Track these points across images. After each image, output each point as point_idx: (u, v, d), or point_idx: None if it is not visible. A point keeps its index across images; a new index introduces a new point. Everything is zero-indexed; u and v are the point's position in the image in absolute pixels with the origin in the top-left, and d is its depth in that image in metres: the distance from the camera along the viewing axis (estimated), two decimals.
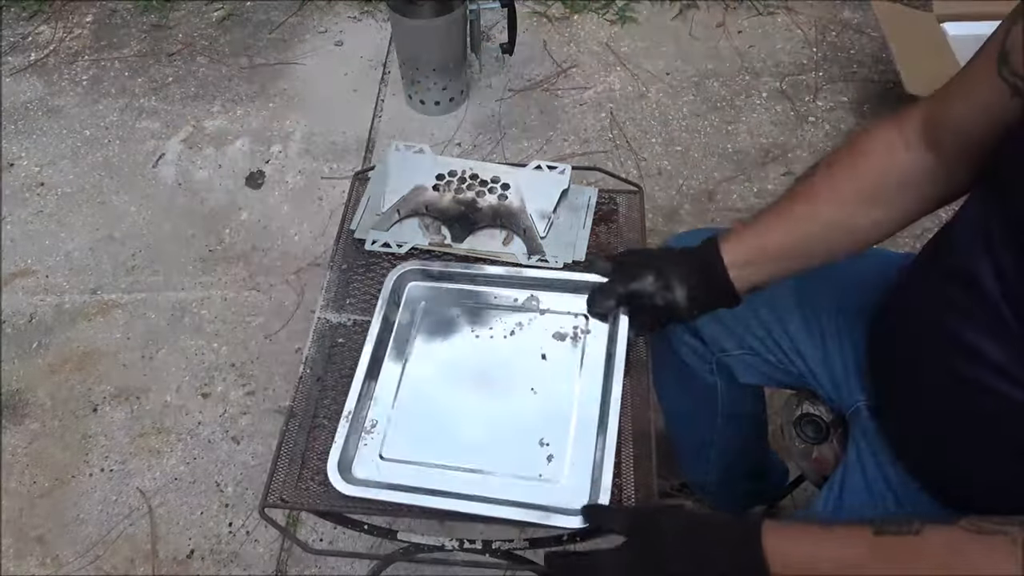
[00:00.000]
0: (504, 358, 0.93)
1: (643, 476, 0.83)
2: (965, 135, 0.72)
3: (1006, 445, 0.69)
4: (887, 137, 0.78)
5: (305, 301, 1.77)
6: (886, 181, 0.78)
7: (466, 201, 1.04)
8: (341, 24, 2.41)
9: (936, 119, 0.75)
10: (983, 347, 0.67)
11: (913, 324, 0.78)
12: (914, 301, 0.80)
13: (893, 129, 0.78)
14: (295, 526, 1.44)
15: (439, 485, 0.82)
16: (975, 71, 0.71)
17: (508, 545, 0.87)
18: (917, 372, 0.78)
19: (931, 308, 0.75)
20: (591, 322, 0.95)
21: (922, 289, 0.79)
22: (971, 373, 0.69)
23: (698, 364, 1.05)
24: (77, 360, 1.70)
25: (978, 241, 0.68)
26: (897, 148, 0.78)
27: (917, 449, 0.79)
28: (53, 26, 2.43)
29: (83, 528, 1.47)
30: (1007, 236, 0.65)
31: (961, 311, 0.69)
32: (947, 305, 0.71)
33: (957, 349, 0.70)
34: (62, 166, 2.06)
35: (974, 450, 0.72)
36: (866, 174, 0.79)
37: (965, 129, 0.72)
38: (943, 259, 0.74)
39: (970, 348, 0.68)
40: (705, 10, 2.41)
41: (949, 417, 0.74)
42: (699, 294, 0.85)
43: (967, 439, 0.73)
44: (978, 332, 0.68)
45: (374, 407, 0.89)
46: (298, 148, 2.08)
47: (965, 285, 0.69)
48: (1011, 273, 0.65)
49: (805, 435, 0.94)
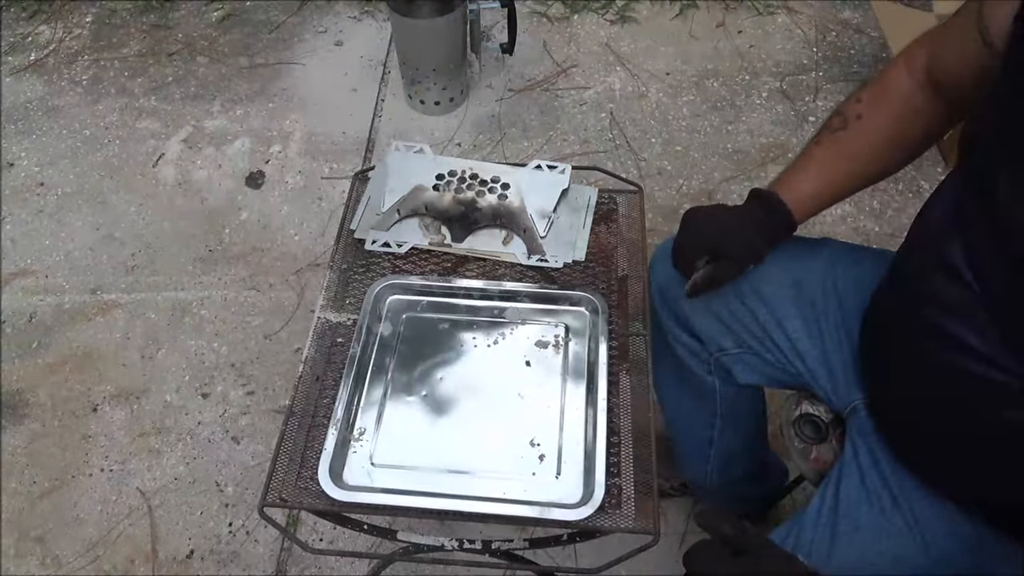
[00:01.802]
0: (489, 366, 0.94)
1: (643, 476, 0.83)
2: (956, 76, 0.80)
3: (996, 430, 0.69)
4: (903, 87, 0.86)
5: (305, 301, 1.77)
6: (911, 131, 0.87)
7: (466, 201, 1.04)
8: (341, 24, 2.41)
9: (934, 60, 0.82)
10: (962, 334, 0.68)
11: (897, 315, 0.79)
12: (897, 292, 0.81)
13: (906, 75, 0.86)
14: (295, 526, 1.44)
15: (433, 487, 0.82)
16: (960, 18, 0.77)
17: (508, 545, 0.87)
18: (905, 362, 0.79)
19: (911, 298, 0.76)
20: (572, 331, 0.97)
21: (904, 280, 0.80)
22: (956, 361, 0.69)
23: (696, 364, 1.05)
24: (77, 360, 1.70)
25: (953, 227, 0.70)
26: (915, 96, 0.85)
27: (912, 441, 0.80)
28: (53, 26, 2.43)
29: (83, 528, 1.47)
30: (979, 220, 0.67)
31: (939, 300, 0.71)
32: (927, 295, 0.72)
33: (939, 338, 0.71)
34: (62, 166, 2.06)
35: (965, 437, 0.73)
36: (904, 134, 0.87)
37: (955, 72, 0.80)
38: (921, 248, 0.75)
39: (950, 336, 0.69)
40: (705, 10, 2.41)
41: (938, 406, 0.74)
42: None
43: (958, 427, 0.73)
44: (958, 320, 0.69)
45: (362, 415, 0.89)
46: (298, 148, 2.08)
47: (942, 274, 0.70)
48: (984, 260, 0.66)
49: (804, 435, 0.94)
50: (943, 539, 0.76)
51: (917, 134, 0.87)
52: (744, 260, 0.91)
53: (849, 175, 0.90)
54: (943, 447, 0.76)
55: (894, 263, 0.83)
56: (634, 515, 0.80)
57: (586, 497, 0.80)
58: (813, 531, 0.81)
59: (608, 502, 0.81)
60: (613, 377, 0.91)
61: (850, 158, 0.89)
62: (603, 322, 0.94)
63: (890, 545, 0.77)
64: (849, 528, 0.79)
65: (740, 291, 0.96)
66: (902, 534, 0.77)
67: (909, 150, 0.90)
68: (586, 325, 0.97)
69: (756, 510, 1.39)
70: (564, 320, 0.98)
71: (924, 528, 0.77)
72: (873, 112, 0.87)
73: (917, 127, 0.87)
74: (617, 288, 1.01)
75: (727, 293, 0.97)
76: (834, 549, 0.79)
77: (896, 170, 0.93)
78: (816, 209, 0.92)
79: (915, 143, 0.89)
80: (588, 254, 1.04)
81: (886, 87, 0.87)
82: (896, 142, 0.88)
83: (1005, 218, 0.63)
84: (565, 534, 0.85)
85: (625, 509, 0.81)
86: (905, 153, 0.90)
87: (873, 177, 0.92)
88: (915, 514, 0.77)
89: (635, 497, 0.82)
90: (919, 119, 0.86)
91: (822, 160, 0.90)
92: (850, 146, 0.88)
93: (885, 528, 0.78)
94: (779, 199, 0.89)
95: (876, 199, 1.91)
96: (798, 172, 0.91)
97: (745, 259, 0.91)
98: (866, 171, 0.91)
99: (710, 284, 0.92)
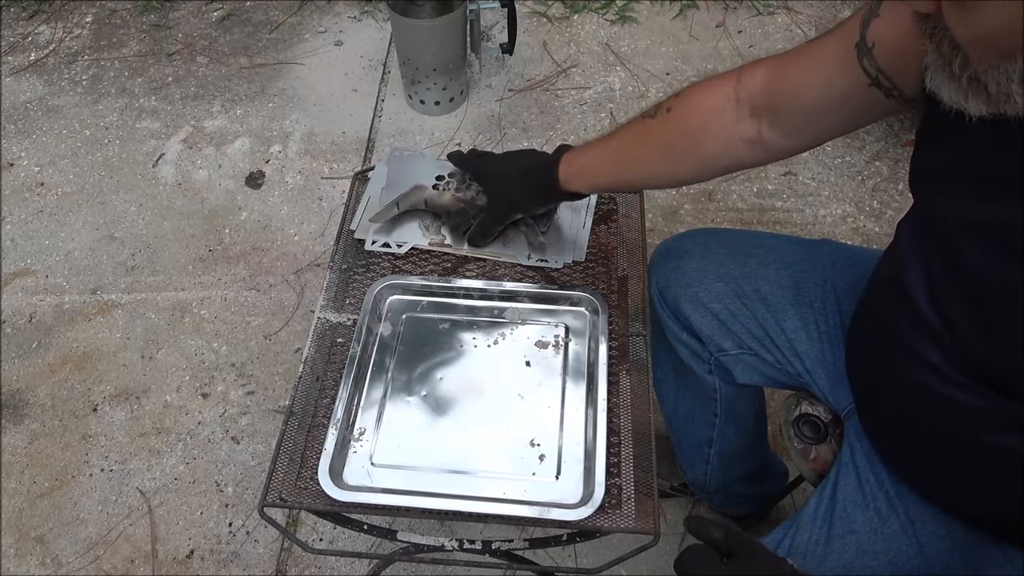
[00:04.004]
0: (489, 366, 0.94)
1: (643, 476, 0.83)
2: (802, 101, 0.76)
3: (963, 445, 0.69)
4: (723, 107, 0.82)
5: (305, 301, 1.77)
6: (714, 153, 0.84)
7: (466, 199, 1.04)
8: (341, 24, 2.41)
9: (779, 81, 0.78)
10: (930, 355, 0.69)
11: (876, 327, 0.80)
12: (871, 306, 0.82)
13: (731, 93, 0.81)
14: (295, 526, 1.44)
15: (433, 487, 0.82)
16: (830, 48, 0.73)
17: (508, 545, 0.87)
18: (878, 376, 0.79)
19: (881, 313, 0.77)
20: (571, 331, 0.97)
21: (877, 295, 0.80)
22: (927, 381, 0.70)
23: (697, 364, 1.05)
24: (77, 360, 1.70)
25: (913, 252, 0.70)
26: (729, 122, 0.82)
27: (893, 450, 0.80)
28: (53, 26, 2.43)
29: (83, 528, 1.47)
30: (927, 240, 0.67)
31: (903, 316, 0.71)
32: (894, 310, 0.73)
33: (910, 355, 0.71)
34: (62, 166, 2.06)
35: (938, 450, 0.73)
36: (698, 144, 0.84)
37: (804, 96, 0.76)
38: (895, 264, 0.75)
39: (920, 355, 0.70)
40: (705, 10, 2.41)
41: (911, 419, 0.75)
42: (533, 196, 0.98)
43: (930, 440, 0.73)
44: (927, 341, 0.69)
45: (362, 415, 0.89)
46: (298, 148, 2.08)
47: (902, 290, 0.70)
48: (941, 289, 0.66)
49: (803, 435, 0.94)
50: (938, 541, 0.76)
51: (714, 148, 0.84)
52: (504, 213, 1.01)
53: (638, 161, 0.89)
54: (921, 459, 0.76)
55: (876, 269, 0.83)
56: (634, 515, 0.80)
57: (586, 497, 0.80)
58: (809, 532, 0.81)
59: (608, 502, 0.81)
60: (613, 377, 0.91)
61: (645, 144, 0.88)
62: (603, 322, 0.95)
63: (885, 547, 0.77)
64: (845, 530, 0.79)
65: (740, 291, 0.96)
66: (897, 536, 0.77)
67: (703, 162, 0.86)
68: (586, 325, 0.97)
69: (756, 510, 1.39)
70: (564, 320, 0.98)
71: (919, 530, 0.77)
72: (682, 109, 0.85)
73: (716, 141, 0.83)
74: (617, 288, 1.01)
75: (727, 293, 0.97)
76: (830, 550, 0.79)
77: (687, 180, 0.92)
78: (593, 181, 0.93)
79: (710, 157, 0.85)
80: (588, 254, 1.04)
81: (706, 89, 0.84)
82: (690, 148, 0.85)
83: (952, 248, 0.63)
84: (565, 534, 0.85)
85: (625, 509, 0.81)
86: (698, 164, 0.86)
87: (660, 175, 0.90)
88: (910, 516, 0.77)
89: (635, 497, 0.82)
90: (720, 133, 0.82)
91: (621, 138, 0.90)
92: (650, 134, 0.87)
93: (880, 530, 0.78)
94: (556, 162, 0.93)
95: (876, 199, 1.91)
96: (597, 142, 0.92)
97: (505, 212, 1.01)
98: (653, 163, 0.88)
99: (483, 233, 1.02)
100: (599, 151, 0.92)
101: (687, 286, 0.99)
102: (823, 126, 0.78)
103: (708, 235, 1.05)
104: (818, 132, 0.80)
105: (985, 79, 0.50)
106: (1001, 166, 0.57)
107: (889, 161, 1.98)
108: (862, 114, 0.75)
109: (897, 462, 0.80)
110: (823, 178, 1.96)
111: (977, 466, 0.70)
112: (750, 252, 0.99)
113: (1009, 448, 0.65)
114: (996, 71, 0.49)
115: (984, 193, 0.59)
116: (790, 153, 0.83)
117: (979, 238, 0.60)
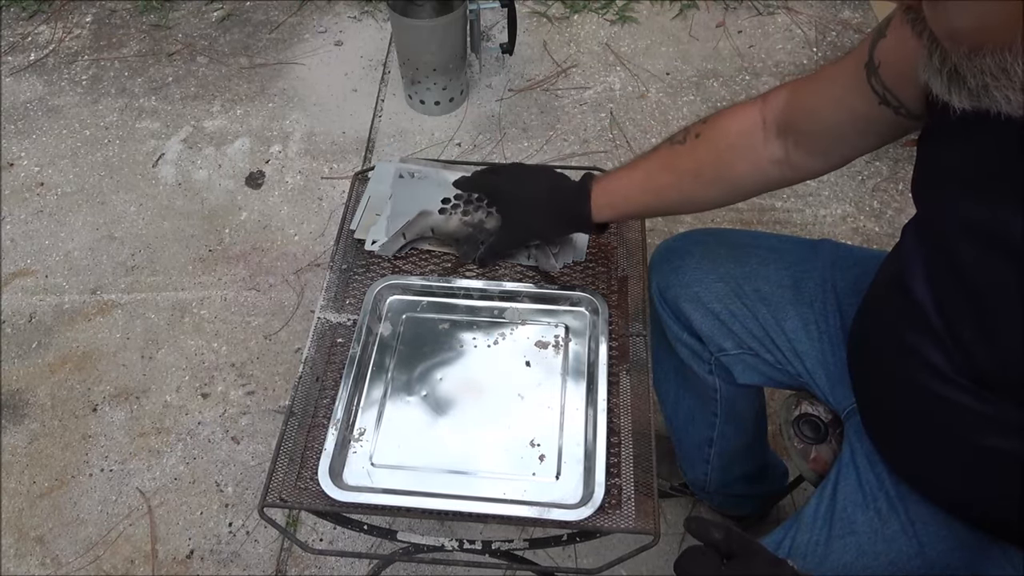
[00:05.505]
0: (489, 366, 0.94)
1: (643, 476, 0.83)
2: (819, 120, 0.79)
3: (963, 447, 0.69)
4: (751, 129, 0.84)
5: (305, 301, 1.77)
6: (743, 175, 0.86)
7: (474, 223, 1.02)
8: (341, 24, 2.41)
9: (797, 101, 0.80)
10: (932, 356, 0.69)
11: (878, 326, 0.80)
12: (873, 307, 0.82)
13: (757, 116, 0.83)
14: (295, 526, 1.44)
15: (433, 487, 0.82)
16: (844, 69, 0.75)
17: (508, 546, 0.87)
18: (880, 377, 0.79)
19: (883, 313, 0.77)
20: (571, 331, 0.96)
21: (879, 295, 0.80)
22: (928, 383, 0.70)
23: (697, 364, 1.05)
24: (77, 360, 1.70)
25: (917, 254, 0.71)
26: (757, 143, 0.84)
27: (894, 450, 0.80)
28: (53, 26, 2.43)
29: (83, 528, 1.47)
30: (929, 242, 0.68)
31: (905, 317, 0.71)
32: (896, 311, 0.73)
33: (912, 356, 0.71)
34: (62, 166, 2.06)
35: (938, 451, 0.73)
36: (728, 167, 0.86)
37: (820, 114, 0.78)
38: (899, 263, 0.75)
39: (922, 356, 0.70)
40: (705, 10, 2.41)
41: (912, 419, 0.75)
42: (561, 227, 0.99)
43: (930, 441, 0.73)
44: (929, 342, 0.69)
45: (361, 415, 0.89)
46: (298, 148, 2.08)
47: (905, 291, 0.71)
48: (945, 291, 0.67)
49: (804, 435, 0.94)
50: (939, 541, 0.76)
51: (743, 170, 0.85)
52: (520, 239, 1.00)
53: (668, 188, 0.89)
54: (922, 459, 0.76)
55: (879, 270, 0.83)
56: (634, 515, 0.80)
57: (586, 497, 0.80)
58: (810, 532, 0.81)
59: (608, 502, 0.81)
60: (613, 377, 0.91)
61: (674, 171, 0.88)
62: (603, 322, 0.94)
63: (886, 548, 0.77)
64: (845, 530, 0.79)
65: (740, 291, 0.96)
66: (898, 536, 0.77)
67: (733, 184, 0.87)
68: (586, 325, 0.97)
69: (756, 510, 1.39)
70: (564, 320, 0.98)
71: (920, 530, 0.77)
72: (711, 133, 0.86)
73: (745, 162, 0.85)
74: (617, 288, 1.01)
75: (727, 293, 0.97)
76: (830, 551, 0.79)
77: (716, 204, 0.92)
78: (622, 210, 0.93)
79: (741, 178, 0.86)
80: (588, 254, 1.04)
81: (733, 114, 0.86)
82: (720, 172, 0.86)
83: (952, 249, 0.64)
84: (565, 534, 0.85)
85: (625, 509, 0.81)
86: (728, 187, 0.88)
87: (690, 200, 0.91)
88: (911, 516, 0.77)
89: (635, 497, 0.82)
90: (748, 154, 0.84)
91: (649, 167, 0.90)
92: (679, 161, 0.88)
93: (881, 530, 0.78)
94: (588, 191, 0.92)
95: (876, 199, 1.91)
96: (625, 170, 0.92)
97: (522, 238, 1.00)
98: (683, 189, 0.89)
99: (494, 254, 1.01)
100: (627, 180, 0.91)
101: (687, 286, 0.99)
102: (844, 145, 0.80)
103: (708, 235, 1.05)
104: (842, 151, 0.81)
105: (963, 72, 0.52)
106: (1001, 167, 0.57)
107: (889, 161, 1.98)
108: (877, 133, 0.77)
109: (898, 462, 0.80)
110: (823, 178, 1.96)
111: (977, 467, 0.69)
112: (750, 252, 0.99)
113: (1009, 451, 0.65)
114: (971, 64, 0.50)
115: (984, 195, 0.59)
116: (817, 173, 0.85)
117: (979, 240, 0.61)
